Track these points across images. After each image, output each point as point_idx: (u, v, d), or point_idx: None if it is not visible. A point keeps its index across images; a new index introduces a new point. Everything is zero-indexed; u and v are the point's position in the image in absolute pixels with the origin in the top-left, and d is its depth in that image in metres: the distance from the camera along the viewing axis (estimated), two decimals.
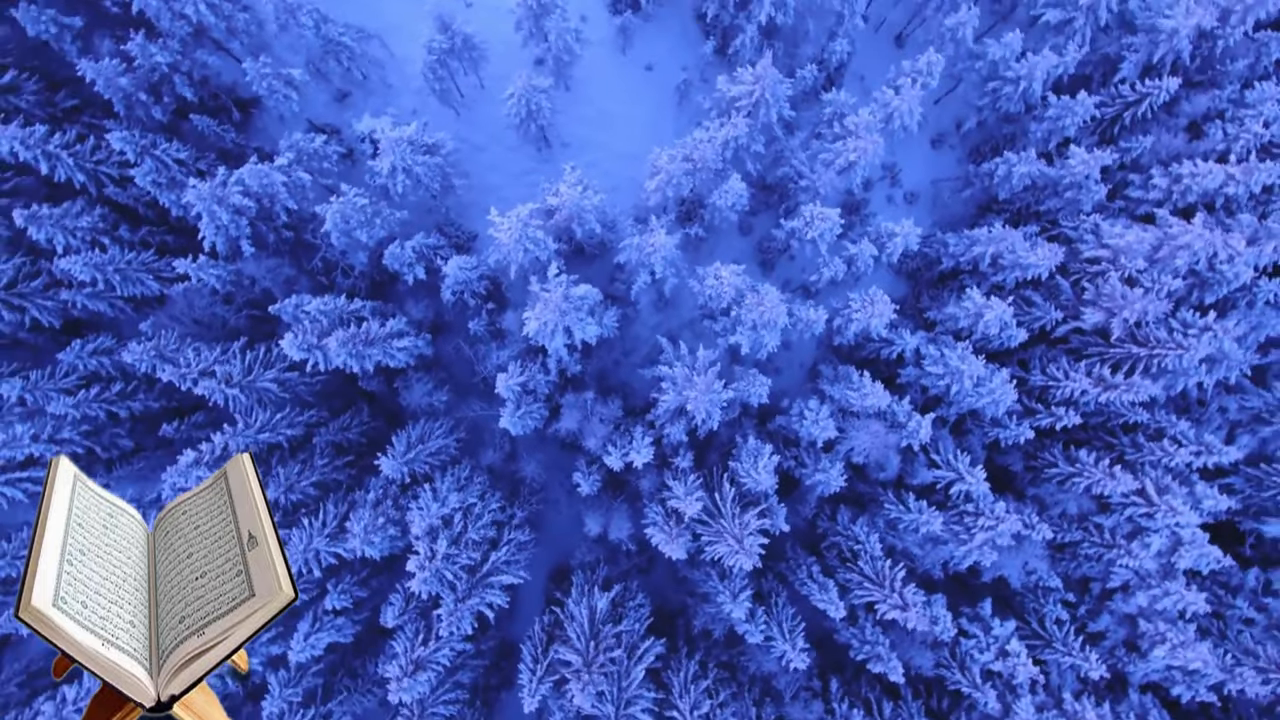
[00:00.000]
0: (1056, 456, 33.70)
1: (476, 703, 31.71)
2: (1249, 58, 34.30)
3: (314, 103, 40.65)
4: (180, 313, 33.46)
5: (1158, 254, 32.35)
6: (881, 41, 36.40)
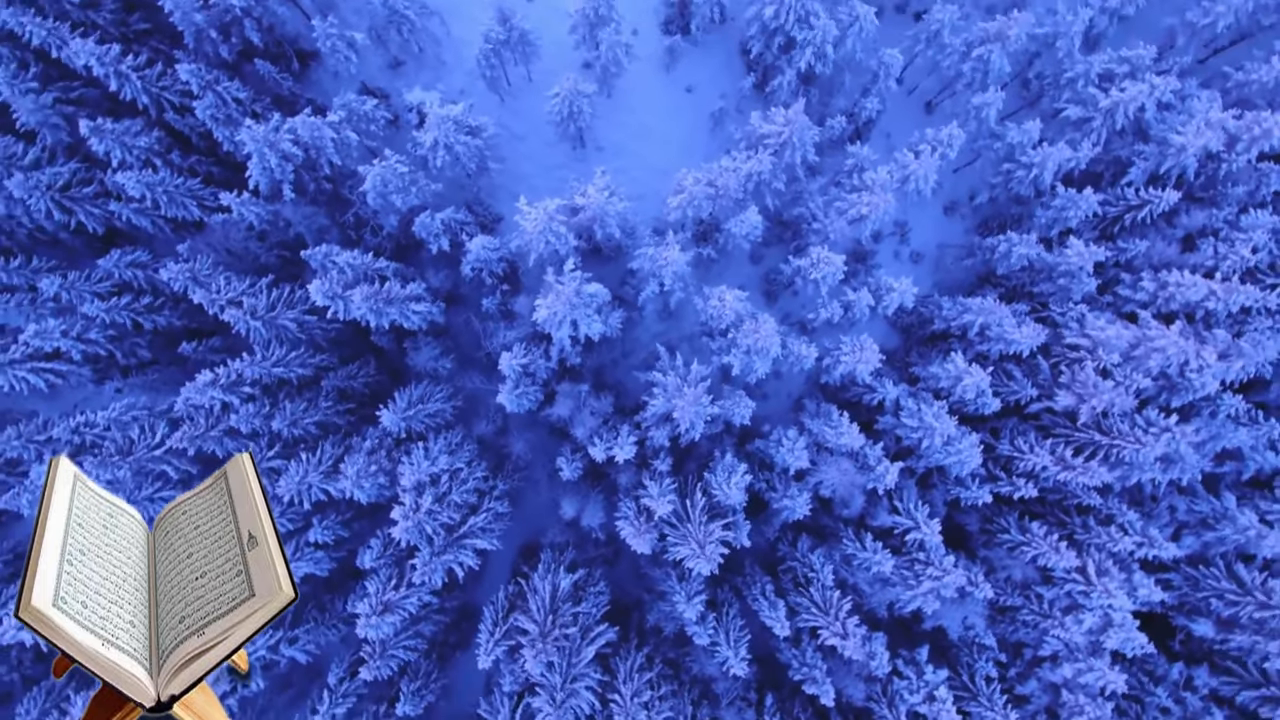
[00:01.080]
0: (1011, 524, 36.94)
1: (432, 655, 34.66)
2: (1250, 184, 38.00)
3: (369, 66, 44.13)
4: (216, 241, 36.74)
5: (1134, 352, 35.81)
6: (912, 105, 40.27)
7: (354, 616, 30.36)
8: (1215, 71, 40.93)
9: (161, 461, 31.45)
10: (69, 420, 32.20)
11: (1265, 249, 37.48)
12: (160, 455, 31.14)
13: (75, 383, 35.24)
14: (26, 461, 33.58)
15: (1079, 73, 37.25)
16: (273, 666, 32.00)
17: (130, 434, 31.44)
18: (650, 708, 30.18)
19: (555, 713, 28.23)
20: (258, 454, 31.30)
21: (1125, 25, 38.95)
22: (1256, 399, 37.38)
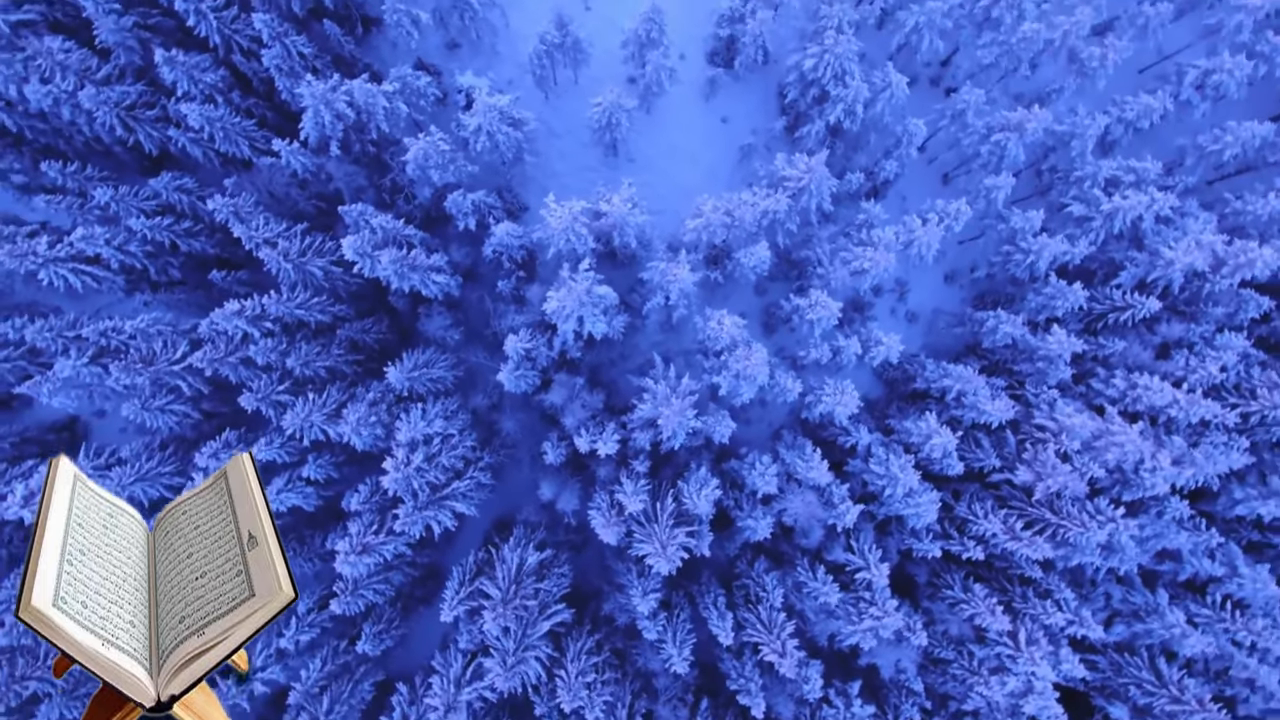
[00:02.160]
0: (956, 582, 41.66)
1: (397, 604, 39.09)
2: (1229, 307, 43.35)
3: (427, 43, 49.28)
4: (261, 183, 41.41)
5: (1095, 442, 40.90)
6: (930, 174, 45.30)
7: (332, 553, 34.87)
8: (1217, 195, 46.73)
9: (178, 377, 35.54)
10: (98, 323, 36.30)
11: (1233, 370, 42.80)
12: (178, 371, 35.19)
13: (107, 289, 39.73)
14: (50, 354, 38.00)
15: (1088, 174, 42.87)
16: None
17: (154, 346, 35.51)
18: (592, 689, 34.43)
19: (504, 674, 32.38)
20: (268, 386, 35.43)
21: (1140, 137, 44.59)
22: (1203, 507, 42.00)
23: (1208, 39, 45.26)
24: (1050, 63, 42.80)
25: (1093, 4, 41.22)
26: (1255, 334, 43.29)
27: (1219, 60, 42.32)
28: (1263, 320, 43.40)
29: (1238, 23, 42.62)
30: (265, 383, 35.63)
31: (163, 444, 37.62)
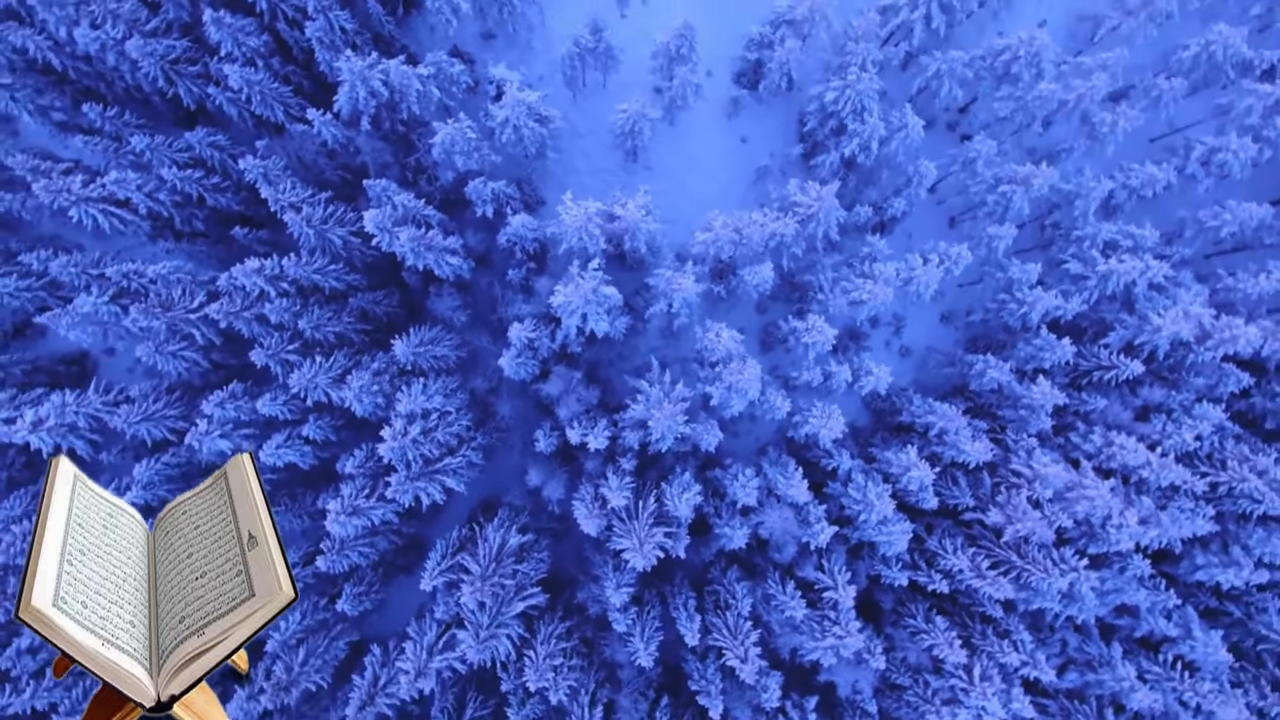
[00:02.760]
0: (919, 612, 44.91)
1: (379, 569, 42.10)
2: (1210, 379, 47.01)
3: (464, 31, 53.04)
4: (291, 148, 44.58)
5: (1067, 493, 44.50)
6: (937, 215, 48.53)
7: (322, 512, 37.77)
8: (1212, 270, 50.59)
9: (193, 325, 38.19)
10: (121, 265, 39.32)
11: (1208, 440, 46.44)
12: (194, 319, 37.80)
13: (131, 233, 42.47)
14: (71, 289, 41.18)
15: (1088, 234, 46.69)
16: None
17: (173, 292, 38.15)
18: (559, 672, 37.23)
19: (476, 647, 35.19)
20: (279, 345, 38.26)
21: (1142, 204, 48.45)
22: (1164, 568, 45.11)
23: (1218, 118, 49.31)
24: (1063, 122, 46.70)
25: (1109, 71, 45.05)
26: (1233, 408, 46.79)
27: (1226, 140, 46.24)
28: (1241, 395, 47.07)
29: (1248, 106, 46.58)
30: (276, 341, 38.46)
31: (170, 388, 40.52)
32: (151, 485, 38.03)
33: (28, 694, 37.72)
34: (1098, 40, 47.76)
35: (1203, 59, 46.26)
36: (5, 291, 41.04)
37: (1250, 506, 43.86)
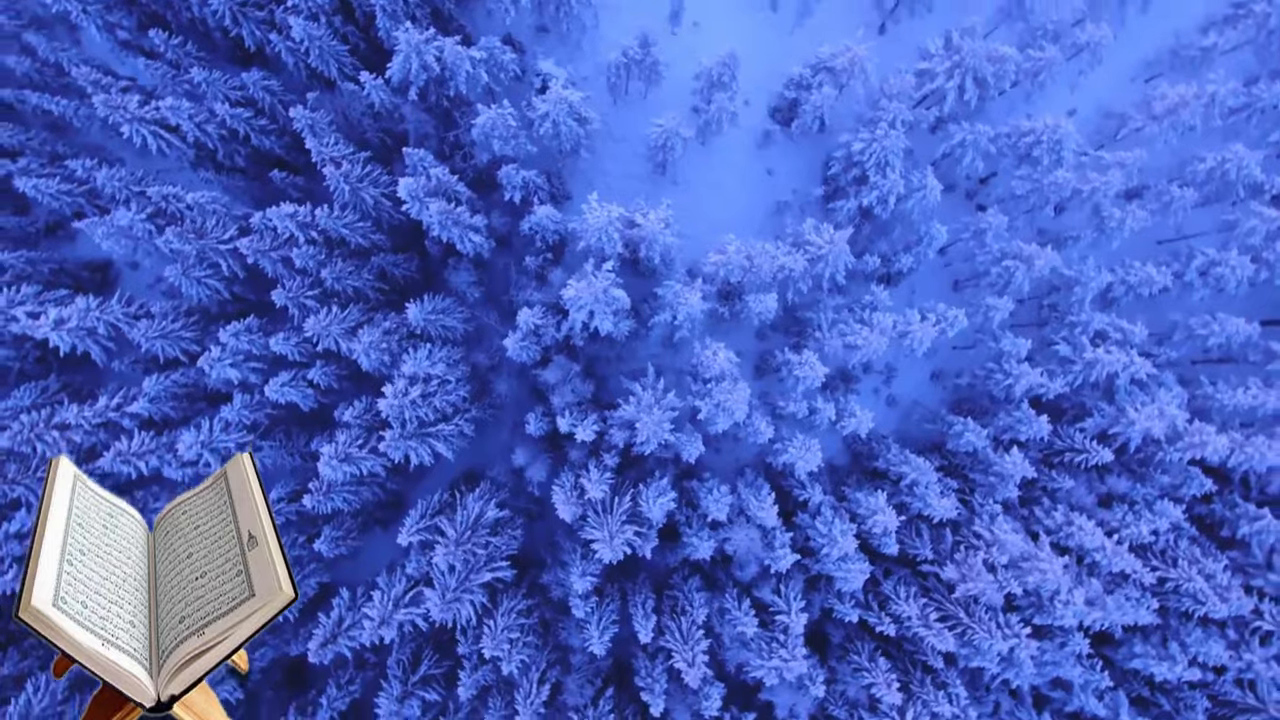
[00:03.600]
0: (864, 650, 49.54)
1: (359, 519, 46.29)
2: (1175, 479, 52.47)
3: (520, 21, 58.68)
4: (339, 105, 49.38)
5: (1022, 562, 49.88)
6: (942, 277, 53.53)
7: (314, 454, 41.99)
8: (1195, 375, 56.14)
9: (221, 255, 42.45)
10: (162, 186, 43.74)
11: (1164, 536, 52.06)
12: (223, 250, 42.15)
13: (175, 157, 47.31)
14: (111, 200, 45.60)
15: (1081, 321, 52.53)
16: (227, 455, 41.89)
17: (208, 221, 42.56)
18: (514, 645, 41.20)
19: (440, 606, 39.22)
20: (299, 288, 42.66)
21: (1139, 301, 54.12)
22: (1103, 651, 49.74)
23: (1223, 233, 55.34)
24: (1075, 210, 52.66)
25: (1126, 170, 51.20)
26: (1193, 510, 51.85)
27: (1227, 255, 52.10)
28: (1203, 500, 52.52)
29: (1252, 226, 52.55)
30: (297, 285, 42.95)
31: (188, 311, 44.60)
32: (158, 400, 42.11)
33: (9, 575, 42.17)
34: (1120, 138, 54.04)
35: (1217, 174, 52.20)
36: (47, 192, 45.44)
37: (1193, 606, 49.18)
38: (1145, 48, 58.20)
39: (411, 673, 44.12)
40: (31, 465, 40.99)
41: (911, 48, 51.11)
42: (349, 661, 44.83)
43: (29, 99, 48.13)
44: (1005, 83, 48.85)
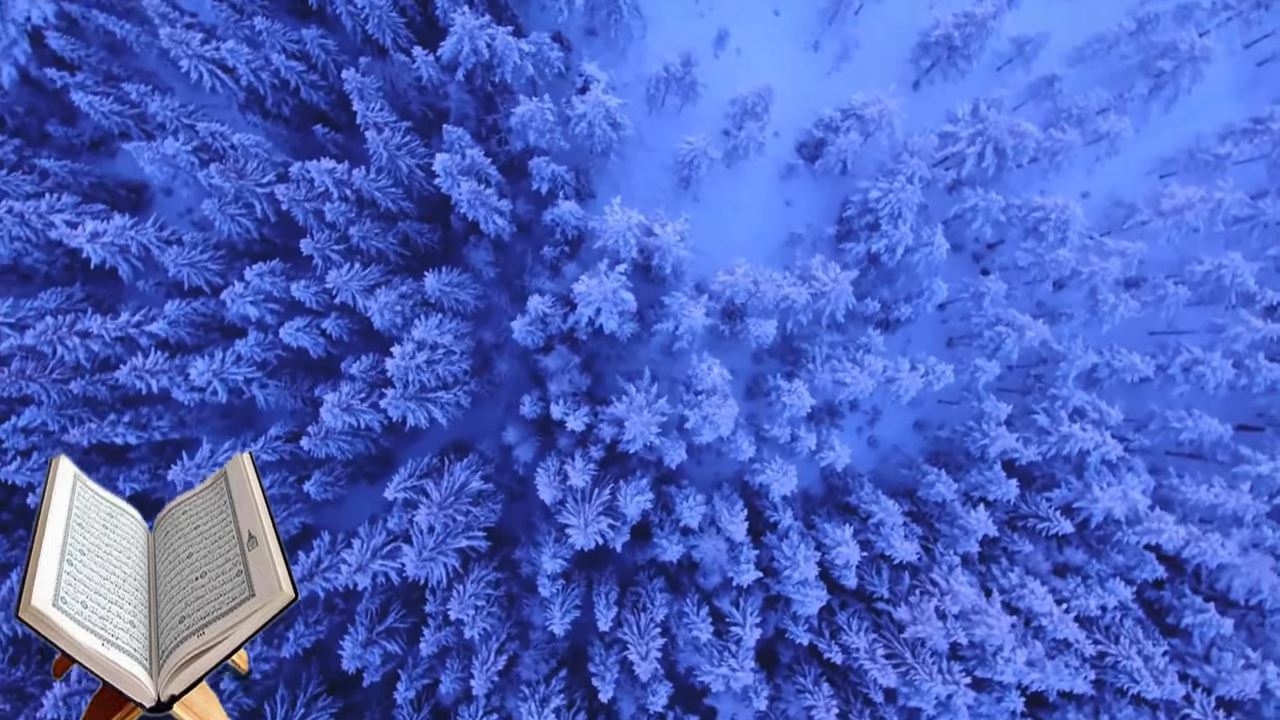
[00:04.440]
0: (809, 673, 53.93)
1: (349, 469, 50.84)
2: (1130, 560, 58.64)
3: (571, 21, 64.46)
4: (388, 73, 54.21)
5: (972, 615, 55.47)
6: (938, 331, 58.26)
7: (315, 399, 46.43)
8: (1165, 465, 61.50)
9: (257, 198, 47.06)
10: (211, 123, 48.54)
11: (1110, 613, 58.28)
12: (260, 192, 46.82)
13: (225, 97, 51.95)
14: (158, 127, 50.56)
15: (1063, 396, 58.43)
16: (242, 390, 47.92)
17: (249, 163, 47.12)
18: (479, 612, 45.56)
19: (415, 562, 43.60)
20: (326, 241, 47.22)
21: (1120, 386, 59.92)
22: (1037, 712, 54.78)
23: (1210, 334, 61.91)
24: (1073, 290, 58.85)
25: (1126, 259, 57.98)
26: (1143, 593, 58.27)
27: (1210, 356, 57.98)
28: (1154, 585, 58.90)
29: (1238, 333, 59.23)
30: (325, 237, 47.50)
31: (217, 244, 49.29)
32: (177, 323, 46.48)
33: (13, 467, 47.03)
34: (1125, 227, 60.51)
35: (1212, 278, 58.39)
36: (99, 110, 50.14)
37: (1128, 684, 54.55)
38: (1164, 145, 64.63)
39: (378, 622, 48.87)
40: (48, 366, 45.72)
41: (940, 108, 57.34)
42: (319, 602, 49.88)
43: (95, 17, 53.36)
44: (1024, 157, 54.87)
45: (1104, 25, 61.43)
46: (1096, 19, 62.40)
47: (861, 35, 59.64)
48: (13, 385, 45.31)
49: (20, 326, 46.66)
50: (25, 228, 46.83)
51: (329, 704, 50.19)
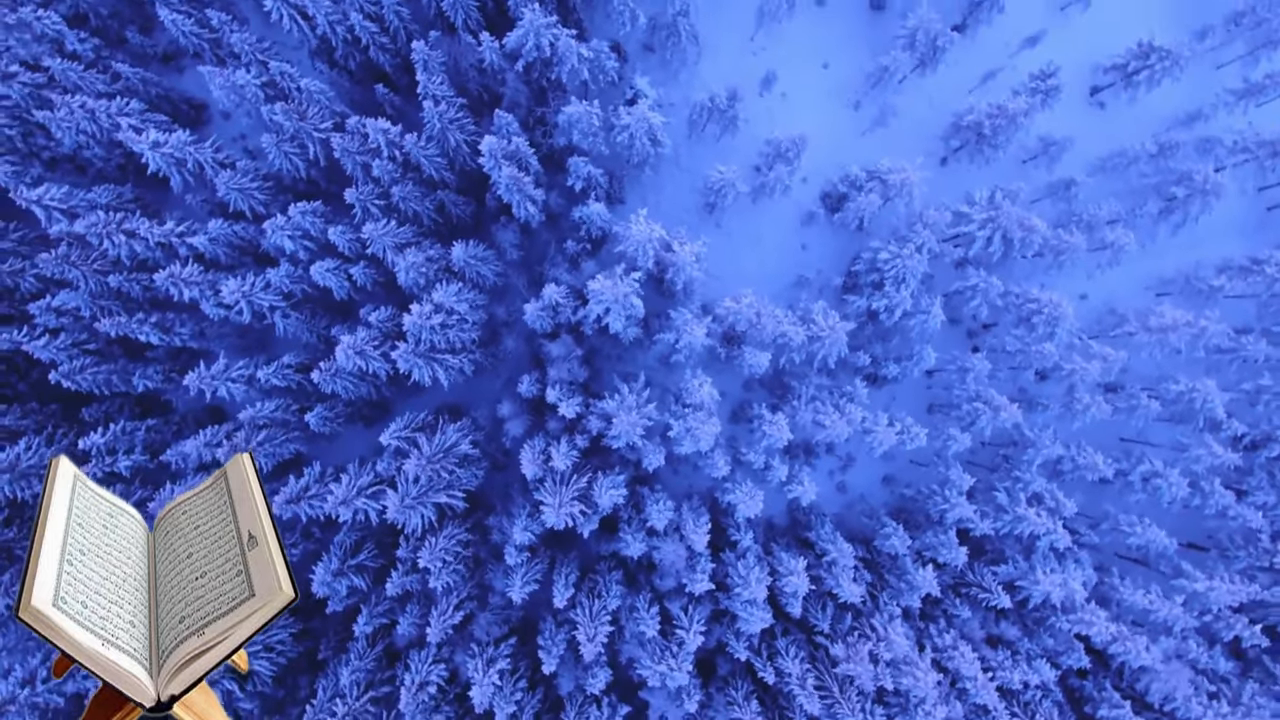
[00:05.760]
0: (741, 689, 61.18)
1: (349, 409, 57.31)
2: (1060, 646, 65.42)
3: (632, 35, 72.73)
4: (453, 50, 61.05)
5: (903, 664, 62.50)
6: (920, 395, 65.48)
7: (330, 339, 52.83)
8: (1110, 565, 66.91)
9: (312, 140, 53.58)
10: (281, 63, 55.16)
11: (1031, 691, 65.74)
12: (316, 137, 53.24)
13: (299, 41, 58.55)
14: (231, 55, 57.38)
15: (1025, 479, 66.02)
16: (264, 315, 53.72)
17: (311, 107, 53.47)
18: (445, 565, 51.43)
19: (397, 507, 49.46)
20: (369, 194, 53.57)
21: (1080, 482, 66.49)
22: None
23: (1174, 451, 70.38)
24: (1054, 383, 66.88)
25: (1107, 365, 65.91)
26: (1067, 679, 65.94)
27: (1169, 472, 66.27)
28: (1078, 673, 66.68)
29: (1199, 455, 67.63)
30: (369, 190, 53.80)
31: (266, 175, 55.56)
32: (216, 241, 52.63)
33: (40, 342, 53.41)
34: (1113, 334, 69.22)
35: (1185, 399, 66.37)
36: (180, 28, 56.71)
37: None
38: (1165, 266, 72.91)
39: (350, 557, 55.48)
40: (91, 257, 52.15)
41: (961, 188, 65.54)
42: (299, 527, 56.37)
43: None
44: (1029, 250, 63.42)
45: (1129, 142, 69.67)
46: (1123, 134, 70.90)
47: (901, 105, 67.20)
48: (56, 267, 51.36)
49: (71, 214, 52.75)
50: (93, 124, 53.16)
51: (289, 623, 56.37)
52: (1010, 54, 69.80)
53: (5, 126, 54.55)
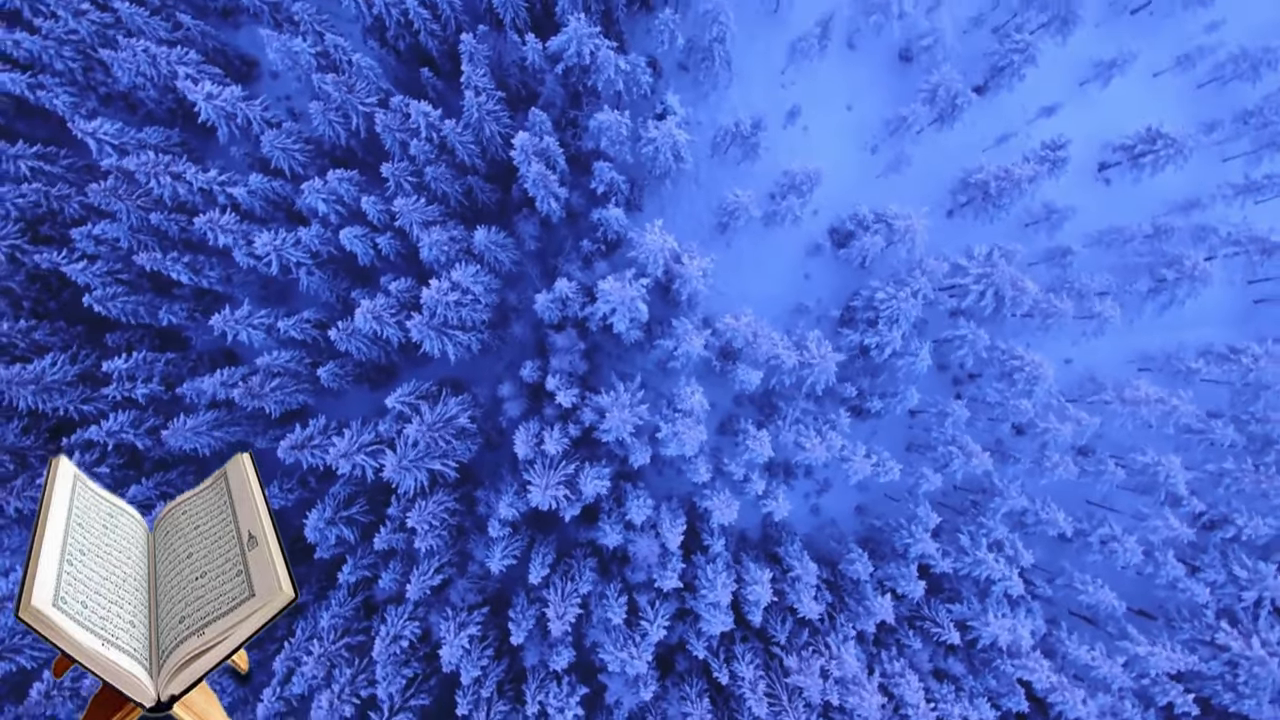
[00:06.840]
0: (696, 686, 65.67)
1: (358, 370, 62.55)
2: (1002, 688, 71.01)
3: (669, 53, 78.93)
4: (498, 46, 66.86)
5: (851, 684, 67.38)
6: (901, 433, 71.35)
7: (349, 302, 58.18)
8: (1060, 619, 72.87)
9: (356, 113, 58.85)
10: (337, 36, 60.57)
11: None
12: (361, 110, 58.51)
13: (354, 14, 64.05)
14: (288, 21, 62.50)
15: (988, 526, 71.39)
16: (290, 270, 58.67)
17: (359, 81, 58.85)
18: (431, 528, 56.52)
19: (394, 467, 54.28)
20: (403, 170, 58.83)
21: (1041, 537, 72.30)
22: None
23: (1133, 519, 76.56)
24: (1029, 439, 73.41)
25: (1080, 429, 71.42)
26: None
27: (1127, 539, 72.23)
28: (1016, 716, 72.58)
29: (1156, 526, 73.33)
30: (404, 167, 59.01)
31: (308, 139, 60.90)
32: (255, 194, 57.81)
33: (78, 266, 58.51)
34: (1090, 400, 75.53)
35: (1150, 471, 72.48)
36: None
37: None
38: (1148, 342, 78.85)
39: (343, 509, 60.75)
40: (136, 193, 57.48)
41: (963, 241, 71.82)
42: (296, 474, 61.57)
43: None
44: (1019, 309, 69.61)
45: (1128, 220, 75.97)
46: (1123, 212, 77.31)
47: (915, 154, 73.57)
48: (104, 199, 56.61)
49: (121, 149, 58.06)
50: (153, 68, 58.64)
51: None
52: (1026, 120, 76.19)
53: (70, 59, 59.49)
